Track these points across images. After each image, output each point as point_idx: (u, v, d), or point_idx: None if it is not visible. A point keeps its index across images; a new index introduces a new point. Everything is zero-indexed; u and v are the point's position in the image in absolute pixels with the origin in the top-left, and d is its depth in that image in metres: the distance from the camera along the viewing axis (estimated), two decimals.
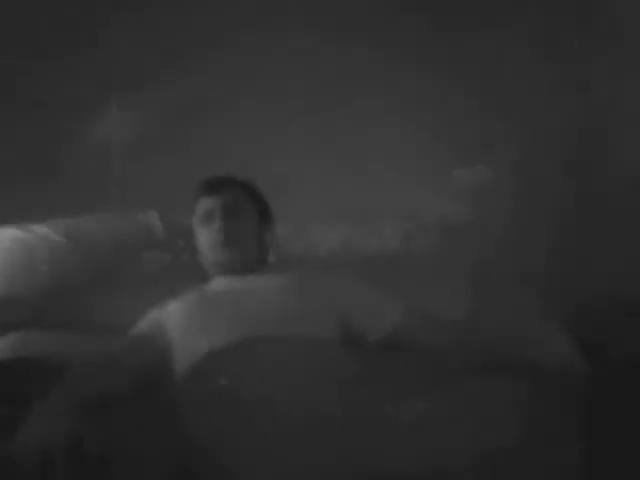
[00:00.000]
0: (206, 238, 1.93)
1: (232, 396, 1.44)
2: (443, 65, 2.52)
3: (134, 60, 2.46)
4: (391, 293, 1.82)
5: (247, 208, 1.97)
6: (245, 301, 1.75)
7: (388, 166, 2.51)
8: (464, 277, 2.20)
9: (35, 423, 1.32)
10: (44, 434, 1.28)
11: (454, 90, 2.52)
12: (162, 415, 1.43)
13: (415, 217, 2.36)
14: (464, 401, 1.37)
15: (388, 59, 2.50)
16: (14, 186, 2.39)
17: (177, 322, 1.75)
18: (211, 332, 1.65)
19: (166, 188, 2.41)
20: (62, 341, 1.94)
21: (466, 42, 2.53)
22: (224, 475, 1.27)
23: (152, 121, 2.49)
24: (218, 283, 1.90)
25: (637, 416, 1.39)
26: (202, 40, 2.46)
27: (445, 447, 1.26)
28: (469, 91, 2.52)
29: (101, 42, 2.45)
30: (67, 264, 2.14)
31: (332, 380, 1.47)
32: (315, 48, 2.49)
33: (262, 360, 1.56)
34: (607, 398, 1.46)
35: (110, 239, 2.19)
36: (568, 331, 2.07)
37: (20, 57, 2.41)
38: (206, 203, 1.94)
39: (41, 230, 2.21)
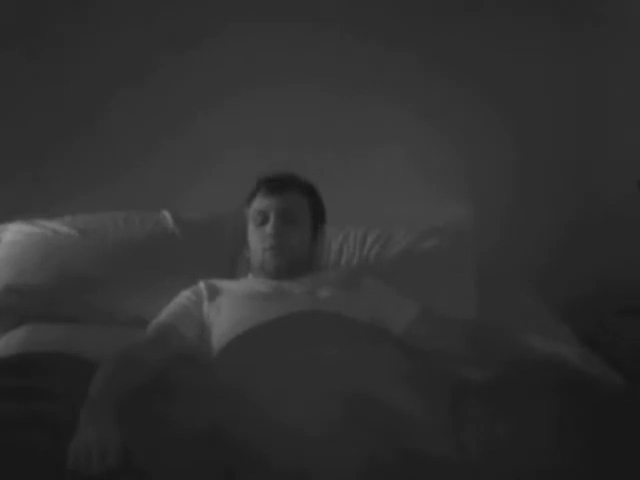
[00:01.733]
0: (256, 239, 1.92)
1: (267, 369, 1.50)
2: (446, 65, 2.53)
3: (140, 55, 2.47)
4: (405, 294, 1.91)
5: (303, 214, 1.96)
6: (284, 300, 1.79)
7: (397, 171, 2.52)
8: (471, 278, 2.22)
9: (89, 428, 1.34)
10: (102, 439, 1.31)
11: (458, 90, 2.52)
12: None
13: (424, 220, 2.38)
14: None
15: (400, 62, 2.50)
16: (24, 182, 2.43)
17: (223, 309, 1.79)
18: (256, 316, 1.70)
19: (177, 185, 2.44)
20: (72, 334, 1.96)
21: (466, 37, 2.53)
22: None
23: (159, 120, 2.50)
24: (260, 283, 1.91)
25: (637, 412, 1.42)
26: (207, 38, 2.45)
27: None
28: (474, 91, 2.52)
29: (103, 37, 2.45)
30: (79, 258, 2.15)
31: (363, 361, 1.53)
32: (324, 45, 2.49)
33: (300, 334, 1.62)
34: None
35: (122, 235, 2.20)
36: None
37: (17, 54, 2.42)
38: (262, 203, 1.93)
39: (53, 225, 2.23)
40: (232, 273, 2.14)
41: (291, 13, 2.45)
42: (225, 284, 1.91)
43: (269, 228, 1.89)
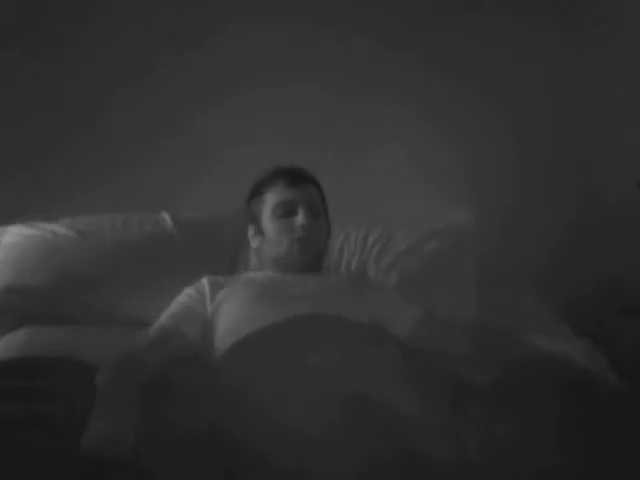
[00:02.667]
0: (280, 229, 1.85)
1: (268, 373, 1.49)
2: (446, 65, 2.53)
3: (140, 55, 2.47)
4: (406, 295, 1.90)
5: (321, 207, 1.92)
6: (286, 300, 1.76)
7: (397, 171, 2.52)
8: (471, 279, 2.22)
9: (106, 414, 1.36)
10: (117, 427, 1.33)
11: (458, 91, 2.53)
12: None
13: (424, 221, 2.38)
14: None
15: (400, 62, 2.51)
16: (24, 182, 2.43)
17: (226, 307, 1.77)
18: (258, 318, 1.68)
19: (177, 185, 2.44)
20: (72, 336, 1.96)
21: (466, 37, 2.53)
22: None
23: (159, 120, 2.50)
24: (263, 278, 1.88)
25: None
26: (207, 38, 2.46)
27: None
28: (474, 91, 2.53)
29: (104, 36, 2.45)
30: (79, 259, 2.15)
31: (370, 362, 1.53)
32: (323, 47, 2.50)
33: (302, 336, 1.60)
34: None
35: (121, 237, 2.20)
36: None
37: (17, 54, 2.42)
38: (287, 194, 1.86)
39: (52, 227, 2.23)
40: (232, 273, 2.13)
41: (291, 13, 2.45)
42: (228, 279, 1.89)
43: (300, 219, 1.83)
